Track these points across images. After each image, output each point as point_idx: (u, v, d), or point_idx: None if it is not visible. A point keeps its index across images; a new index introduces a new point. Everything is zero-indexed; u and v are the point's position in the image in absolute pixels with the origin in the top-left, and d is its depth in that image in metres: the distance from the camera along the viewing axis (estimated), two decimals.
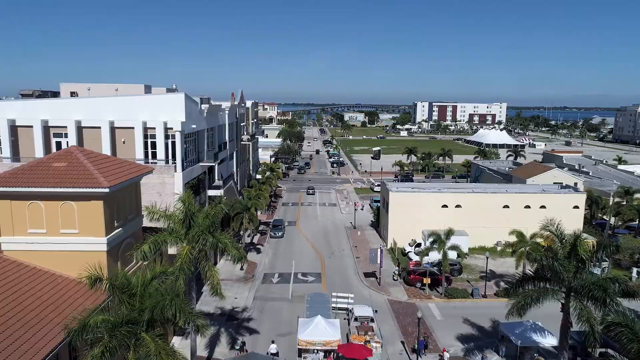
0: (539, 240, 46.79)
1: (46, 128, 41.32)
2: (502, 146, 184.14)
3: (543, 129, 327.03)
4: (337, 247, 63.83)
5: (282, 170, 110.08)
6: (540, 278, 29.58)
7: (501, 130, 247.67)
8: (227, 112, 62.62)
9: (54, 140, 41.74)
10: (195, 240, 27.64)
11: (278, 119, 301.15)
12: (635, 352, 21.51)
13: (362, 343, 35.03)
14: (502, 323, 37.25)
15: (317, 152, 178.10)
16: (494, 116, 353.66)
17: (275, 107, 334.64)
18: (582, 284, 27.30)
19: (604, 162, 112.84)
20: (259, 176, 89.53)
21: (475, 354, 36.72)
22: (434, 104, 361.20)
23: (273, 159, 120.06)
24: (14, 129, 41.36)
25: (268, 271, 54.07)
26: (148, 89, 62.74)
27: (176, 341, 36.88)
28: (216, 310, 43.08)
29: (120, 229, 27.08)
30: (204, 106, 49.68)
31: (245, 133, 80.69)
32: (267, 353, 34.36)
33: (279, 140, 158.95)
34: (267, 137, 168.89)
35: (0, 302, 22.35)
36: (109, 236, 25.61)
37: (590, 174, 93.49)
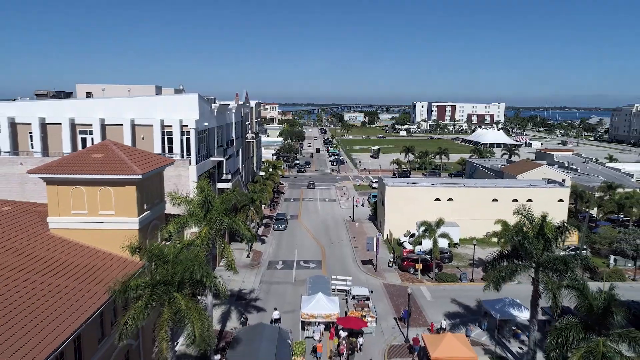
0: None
1: (73, 125, 45.56)
2: (498, 145, 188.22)
3: (541, 128, 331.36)
4: (337, 238, 68.07)
5: (283, 168, 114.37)
6: (514, 256, 33.82)
7: (499, 130, 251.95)
8: (233, 111, 66.83)
9: (79, 137, 45.99)
10: (213, 221, 31.86)
11: (279, 119, 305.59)
12: (585, 310, 25.72)
13: (358, 317, 39.24)
14: (484, 300, 41.59)
15: (318, 150, 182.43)
16: (492, 116, 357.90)
17: (276, 107, 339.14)
18: (548, 259, 31.53)
19: (593, 159, 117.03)
20: (262, 173, 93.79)
21: (460, 328, 40.91)
22: (433, 104, 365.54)
23: (275, 157, 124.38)
24: (43, 126, 45.58)
25: (272, 259, 58.32)
26: (159, 90, 67.03)
27: None
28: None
29: (149, 211, 31.25)
30: (214, 105, 53.93)
31: (249, 131, 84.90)
32: (271, 319, 38.69)
33: (281, 139, 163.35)
34: (268, 136, 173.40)
35: (50, 272, 26.46)
36: (140, 217, 29.79)
37: (579, 170, 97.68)
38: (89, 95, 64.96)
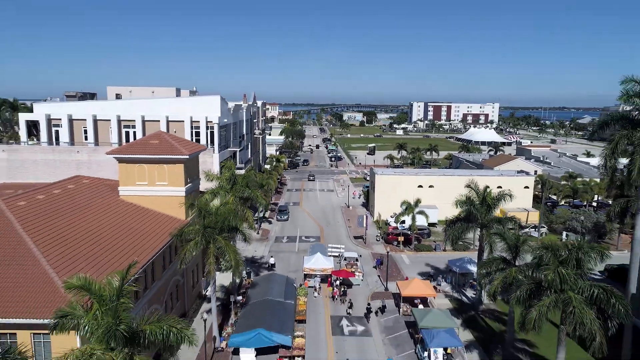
0: None
1: (119, 121, 56.22)
2: (490, 143, 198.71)
3: (533, 128, 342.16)
4: (333, 220, 78.77)
5: (286, 162, 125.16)
6: (465, 219, 44.51)
7: (491, 129, 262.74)
8: (244, 110, 77.53)
9: (124, 131, 56.63)
10: (238, 191, 42.52)
11: (279, 119, 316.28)
12: (505, 249, 36.39)
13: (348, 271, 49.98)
14: (449, 260, 52.27)
15: (317, 147, 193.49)
16: (486, 116, 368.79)
17: (277, 107, 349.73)
18: (489, 220, 42.24)
19: (567, 154, 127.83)
20: (267, 166, 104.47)
21: (431, 280, 51.52)
22: (429, 104, 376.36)
23: (278, 152, 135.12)
24: (95, 122, 56.24)
25: (278, 235, 69.05)
26: (178, 92, 77.72)
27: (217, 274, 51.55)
28: (241, 258, 57.74)
29: (190, 184, 41.90)
30: (231, 105, 64.62)
31: (257, 128, 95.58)
32: (267, 263, 49.69)
33: (282, 137, 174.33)
34: (270, 134, 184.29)
35: (123, 225, 37.06)
36: (186, 187, 40.46)
37: (552, 164, 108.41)
38: (118, 96, 75.62)
